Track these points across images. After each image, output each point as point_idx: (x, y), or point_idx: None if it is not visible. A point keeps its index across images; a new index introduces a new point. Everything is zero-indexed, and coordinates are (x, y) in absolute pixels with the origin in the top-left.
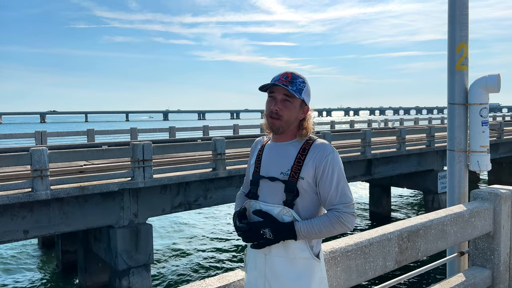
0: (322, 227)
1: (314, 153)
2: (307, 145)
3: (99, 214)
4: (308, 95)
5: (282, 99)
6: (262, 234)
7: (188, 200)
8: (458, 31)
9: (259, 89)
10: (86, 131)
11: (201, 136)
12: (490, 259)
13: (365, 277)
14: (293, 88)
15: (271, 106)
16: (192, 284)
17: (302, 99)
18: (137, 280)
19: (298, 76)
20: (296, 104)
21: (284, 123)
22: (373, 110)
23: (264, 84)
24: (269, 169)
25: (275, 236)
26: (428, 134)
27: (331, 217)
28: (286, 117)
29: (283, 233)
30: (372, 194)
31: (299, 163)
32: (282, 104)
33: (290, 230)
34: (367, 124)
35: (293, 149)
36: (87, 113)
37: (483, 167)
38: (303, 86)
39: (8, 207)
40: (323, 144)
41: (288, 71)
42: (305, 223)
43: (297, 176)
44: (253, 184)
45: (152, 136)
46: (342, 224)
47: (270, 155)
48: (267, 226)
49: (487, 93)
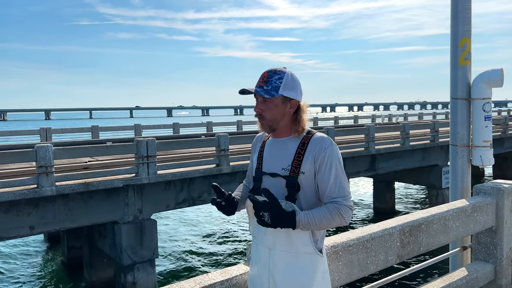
0: (322, 218)
1: (313, 146)
2: (306, 139)
3: (104, 210)
4: (290, 89)
5: (262, 100)
6: (261, 216)
7: (192, 196)
8: (461, 26)
9: (239, 93)
10: (90, 128)
11: (205, 132)
12: (492, 253)
13: (367, 272)
14: (267, 88)
15: (254, 108)
16: (195, 278)
17: (282, 96)
18: (142, 275)
19: (275, 73)
20: (276, 102)
21: (270, 121)
22: (377, 105)
23: (241, 89)
24: (270, 165)
25: (273, 222)
26: (432, 129)
27: (331, 209)
28: (269, 116)
29: (282, 221)
30: (376, 189)
31: (299, 158)
32: (263, 105)
33: (290, 219)
34: (371, 120)
35: (293, 144)
36: (92, 109)
37: (486, 162)
38: (279, 83)
39: (14, 203)
40: (321, 138)
41: (267, 70)
42: (306, 214)
43: (297, 171)
44: (256, 180)
45: (156, 132)
46: (341, 216)
47: (270, 151)
48: (268, 210)
49: (490, 88)
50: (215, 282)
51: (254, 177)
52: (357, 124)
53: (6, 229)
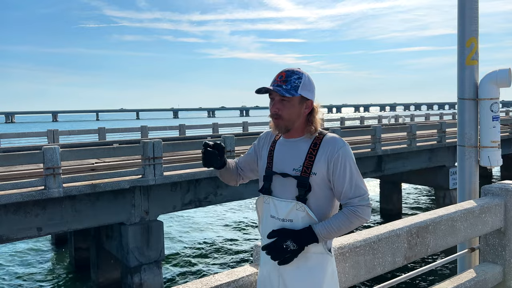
0: (341, 225)
1: (325, 147)
2: (317, 140)
3: (111, 211)
4: (307, 89)
5: (279, 99)
6: (285, 248)
7: (198, 197)
8: (468, 25)
9: (256, 92)
10: (97, 130)
11: (211, 134)
12: (501, 255)
13: (374, 273)
14: (287, 87)
15: (271, 108)
16: (202, 280)
17: (300, 96)
18: (148, 276)
19: (293, 73)
20: (294, 102)
21: (286, 121)
22: (383, 106)
23: (258, 88)
24: (282, 165)
25: (298, 245)
26: (439, 130)
27: (347, 213)
28: (287, 116)
29: (305, 239)
30: (382, 190)
31: (310, 158)
32: (280, 104)
33: (310, 234)
34: (377, 121)
35: (304, 145)
36: (98, 111)
37: (494, 162)
38: (298, 83)
39: (22, 204)
40: (333, 138)
41: (283, 70)
42: (323, 225)
43: (309, 171)
44: (266, 179)
45: (162, 134)
46: (359, 217)
47: (282, 151)
48: (288, 238)
49: (497, 88)
50: (222, 283)
51: (264, 176)
52: (364, 125)
53: (14, 230)
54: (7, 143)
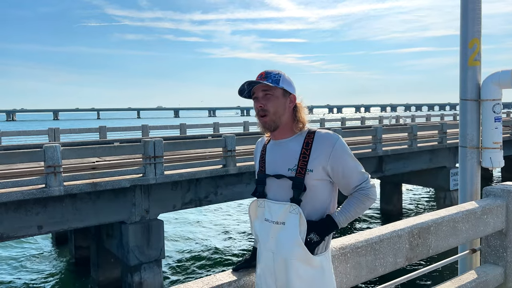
0: (357, 209)
1: (320, 144)
2: (309, 138)
3: (111, 210)
4: (288, 84)
5: (263, 95)
6: (309, 240)
7: (199, 196)
8: (470, 26)
9: (239, 95)
10: (98, 128)
11: (212, 133)
12: (502, 256)
13: (375, 274)
14: (268, 81)
15: (256, 106)
16: (203, 279)
17: (283, 88)
18: (148, 275)
19: (272, 71)
20: (277, 94)
21: (273, 115)
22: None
23: (240, 87)
24: (275, 167)
25: (321, 236)
26: (440, 131)
27: (360, 198)
28: (272, 109)
29: (327, 229)
30: (383, 191)
31: (304, 157)
32: (264, 100)
33: (331, 224)
34: (378, 121)
35: (296, 144)
36: (99, 110)
37: (496, 163)
38: (278, 77)
39: (23, 203)
40: (326, 134)
41: (263, 71)
42: (341, 212)
43: (304, 170)
44: (259, 183)
45: (163, 133)
46: (370, 199)
47: (273, 153)
48: (312, 231)
49: (500, 89)
50: (223, 283)
51: (257, 180)
52: (364, 125)
53: (14, 228)
54: (8, 141)
